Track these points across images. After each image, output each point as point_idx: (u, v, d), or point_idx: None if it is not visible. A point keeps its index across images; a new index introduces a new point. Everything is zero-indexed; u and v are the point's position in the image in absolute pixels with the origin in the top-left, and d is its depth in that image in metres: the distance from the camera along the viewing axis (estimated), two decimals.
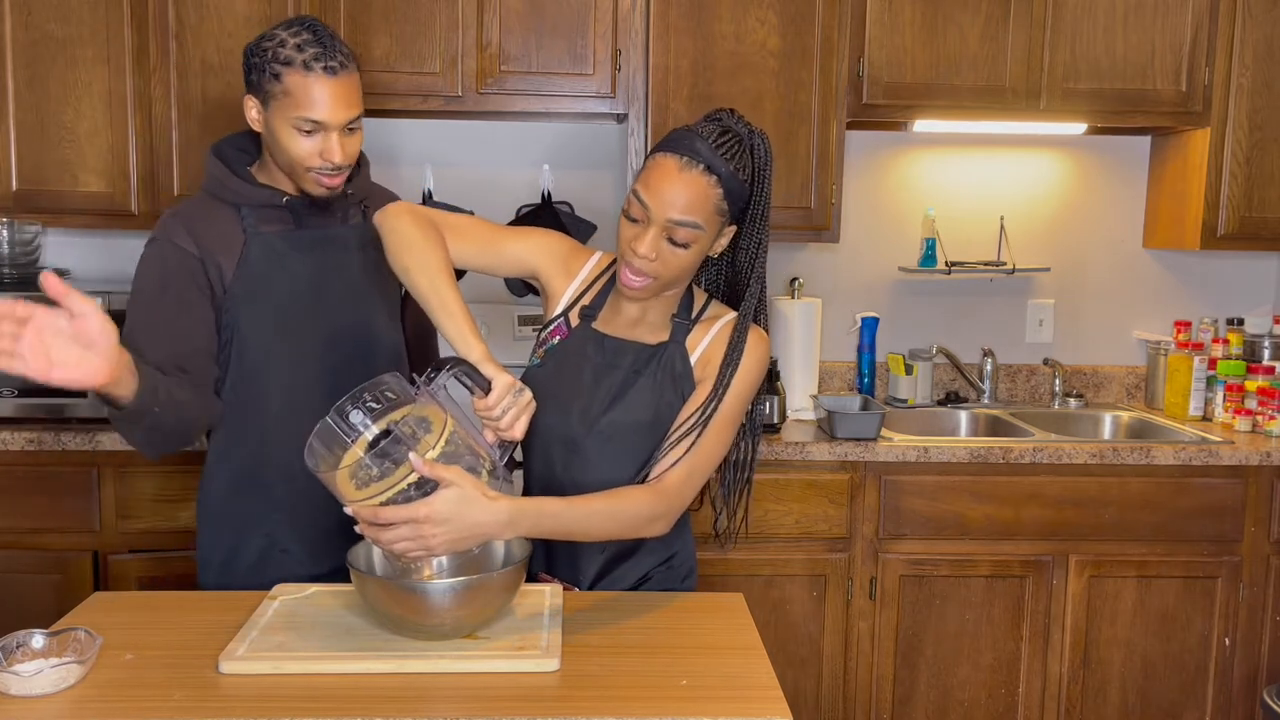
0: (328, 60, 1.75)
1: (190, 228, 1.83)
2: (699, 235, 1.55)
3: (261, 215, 1.87)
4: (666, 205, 1.53)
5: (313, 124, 1.76)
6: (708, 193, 1.54)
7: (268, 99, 1.78)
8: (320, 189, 1.84)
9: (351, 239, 1.94)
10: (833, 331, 3.34)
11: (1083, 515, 2.76)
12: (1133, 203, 3.39)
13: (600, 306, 1.71)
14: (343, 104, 1.77)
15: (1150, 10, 2.96)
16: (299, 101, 1.75)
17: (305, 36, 1.76)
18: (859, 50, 2.92)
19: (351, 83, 1.79)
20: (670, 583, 1.74)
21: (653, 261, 1.56)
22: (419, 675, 1.37)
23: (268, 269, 1.85)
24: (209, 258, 1.82)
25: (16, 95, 2.76)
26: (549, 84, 2.87)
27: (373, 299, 1.96)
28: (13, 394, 2.67)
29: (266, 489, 1.88)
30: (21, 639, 1.38)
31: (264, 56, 1.76)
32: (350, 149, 1.82)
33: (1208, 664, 2.83)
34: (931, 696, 2.81)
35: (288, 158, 1.80)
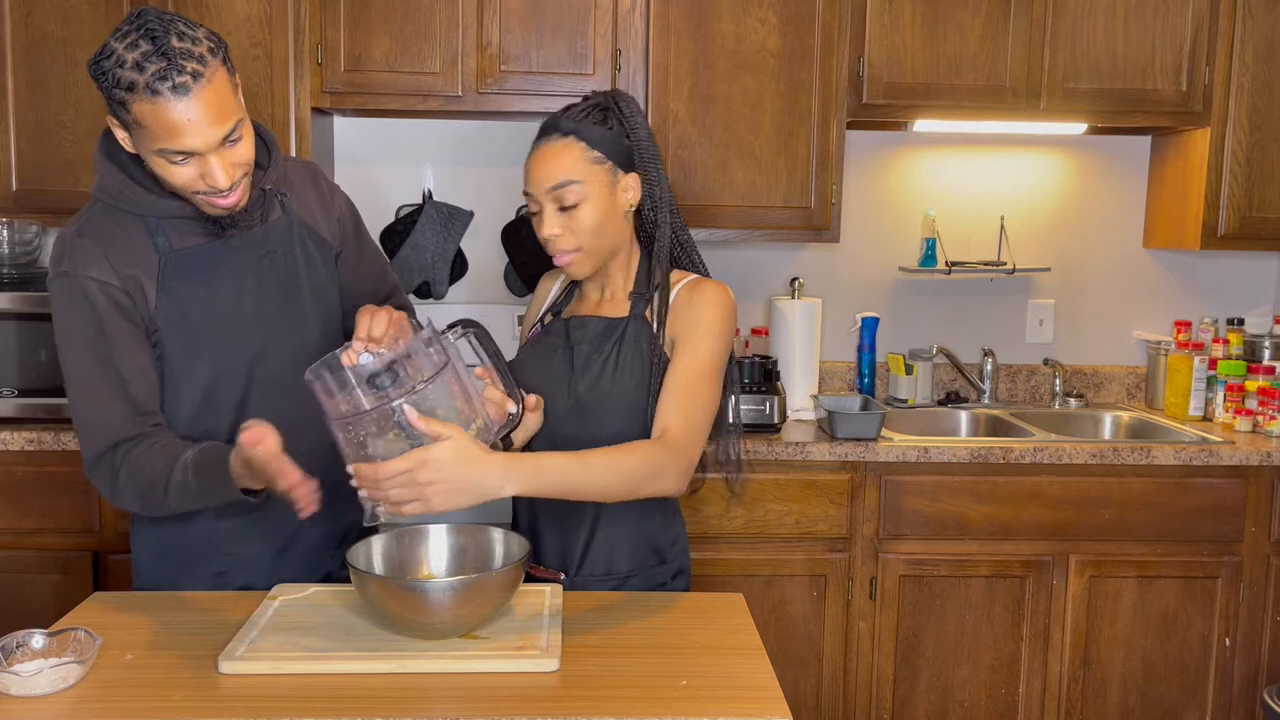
0: (176, 75, 1.43)
1: (105, 253, 1.59)
2: (584, 190, 1.63)
3: (174, 228, 1.62)
4: (540, 181, 1.63)
5: (181, 154, 1.49)
6: (570, 149, 1.63)
7: (125, 125, 1.50)
8: (218, 210, 1.58)
9: (275, 239, 1.71)
10: (833, 331, 3.34)
11: (1083, 515, 2.76)
12: (1133, 203, 3.39)
13: (569, 300, 1.80)
14: (209, 123, 1.46)
15: (1150, 10, 2.96)
16: (156, 133, 1.46)
17: (143, 48, 1.43)
18: (859, 50, 2.92)
19: (215, 90, 1.46)
20: (661, 578, 1.75)
21: (561, 235, 1.64)
22: (419, 675, 1.37)
23: (189, 293, 1.63)
24: (131, 284, 1.60)
25: (16, 95, 2.76)
26: (549, 84, 2.87)
27: (305, 299, 1.75)
28: (13, 394, 2.67)
29: (215, 530, 1.72)
30: (21, 639, 1.38)
31: (104, 80, 1.45)
32: (238, 160, 1.54)
33: (1208, 664, 2.83)
34: (931, 697, 2.81)
35: (172, 186, 1.55)
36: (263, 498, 1.56)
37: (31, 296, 2.67)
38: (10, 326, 2.66)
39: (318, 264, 1.79)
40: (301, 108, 2.79)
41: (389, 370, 1.41)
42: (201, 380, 1.68)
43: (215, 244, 1.66)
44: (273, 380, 1.70)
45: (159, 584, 1.77)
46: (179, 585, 1.75)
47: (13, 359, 2.66)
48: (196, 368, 1.67)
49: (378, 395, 1.39)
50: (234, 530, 1.74)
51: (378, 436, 1.39)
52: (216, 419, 1.69)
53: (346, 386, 1.41)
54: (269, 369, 1.72)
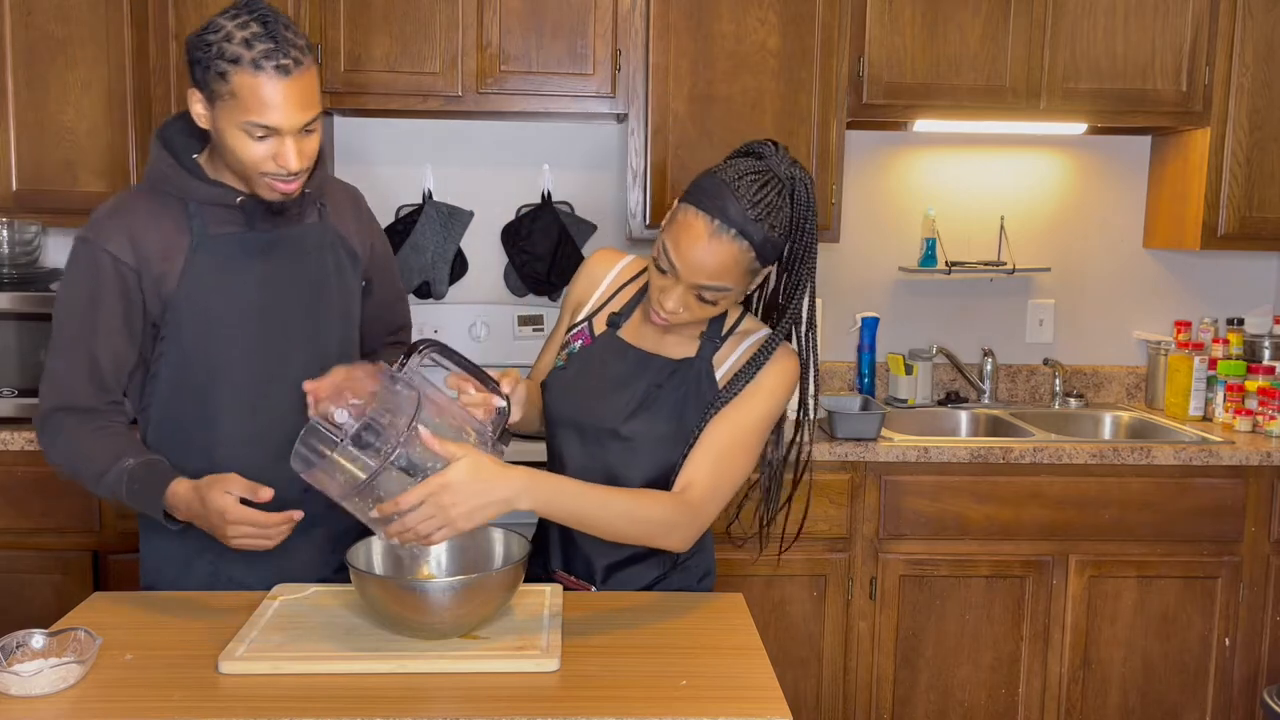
0: (280, 58, 1.54)
1: (130, 232, 1.66)
2: (729, 295, 1.53)
3: (211, 215, 1.69)
4: (694, 270, 1.49)
5: (265, 129, 1.57)
6: (739, 258, 1.49)
7: (214, 96, 1.58)
8: (274, 195, 1.65)
9: (308, 241, 1.77)
10: (833, 331, 3.34)
11: (1083, 515, 2.76)
12: (1133, 203, 3.39)
13: (628, 315, 1.69)
14: (298, 106, 1.57)
15: (1150, 10, 2.96)
16: (249, 105, 1.55)
17: (254, 29, 1.54)
18: (859, 50, 2.92)
19: (308, 80, 1.58)
20: (685, 584, 1.73)
21: (681, 315, 1.55)
22: (419, 675, 1.36)
23: (217, 277, 1.69)
24: (146, 268, 1.66)
25: (16, 95, 2.76)
26: (549, 84, 2.87)
27: (330, 305, 1.80)
28: (13, 394, 2.67)
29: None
30: (21, 639, 1.38)
31: (208, 50, 1.55)
32: (308, 151, 1.64)
33: (1208, 664, 2.83)
34: (931, 697, 2.81)
35: (238, 161, 1.62)
36: (181, 525, 1.62)
37: (31, 296, 2.67)
38: (10, 326, 2.66)
39: (347, 275, 1.83)
40: None
41: (367, 428, 1.38)
42: (211, 365, 1.70)
43: (249, 235, 1.71)
44: (284, 378, 1.70)
45: (160, 581, 1.77)
46: (180, 583, 1.76)
47: (13, 359, 2.66)
48: (210, 351, 1.70)
49: (371, 453, 1.36)
50: None
51: (387, 487, 1.37)
52: (220, 405, 1.71)
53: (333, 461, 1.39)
54: (282, 366, 1.73)
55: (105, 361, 1.67)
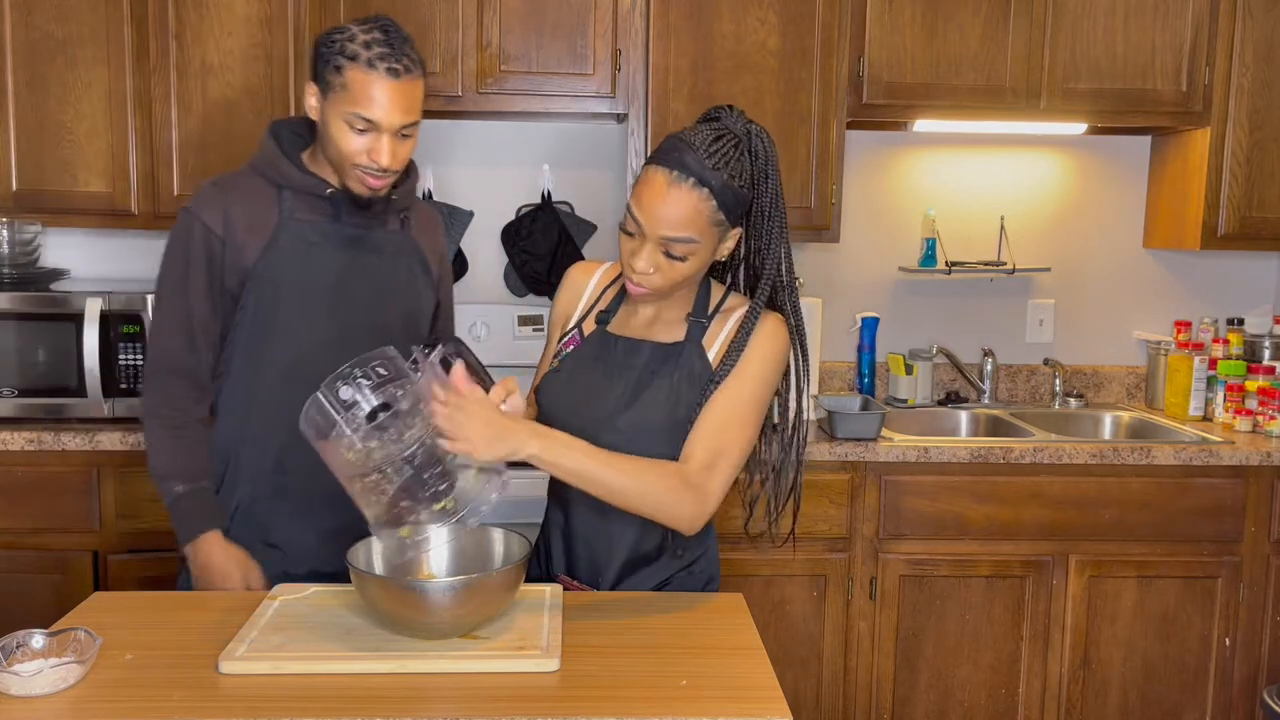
0: (392, 61, 1.72)
1: (224, 204, 1.83)
2: (696, 248, 1.55)
3: (301, 202, 1.86)
4: (658, 222, 1.52)
5: (366, 122, 1.74)
6: (700, 206, 1.52)
7: (327, 89, 1.76)
8: (363, 188, 1.82)
9: (387, 245, 1.92)
10: (833, 331, 3.34)
11: (1083, 515, 2.76)
12: (1133, 203, 3.39)
13: (614, 311, 1.71)
14: (400, 108, 1.75)
15: (1150, 10, 2.96)
16: (356, 97, 1.73)
17: (376, 35, 1.73)
18: (859, 50, 2.92)
19: (414, 89, 1.76)
20: (691, 588, 1.72)
21: (652, 274, 1.56)
22: (419, 675, 1.36)
23: (294, 257, 1.84)
24: (232, 239, 1.82)
25: (16, 95, 2.76)
26: (549, 84, 2.87)
27: (395, 308, 1.93)
28: (13, 394, 2.67)
29: (243, 471, 1.89)
30: (21, 639, 1.38)
31: (331, 47, 1.74)
32: (400, 154, 1.80)
33: (1208, 664, 2.83)
34: (931, 697, 2.81)
35: (336, 151, 1.78)
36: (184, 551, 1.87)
37: (31, 296, 2.67)
38: (10, 326, 2.66)
39: (419, 285, 1.95)
40: (301, 108, 2.79)
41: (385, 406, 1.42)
42: (280, 344, 1.84)
43: (332, 226, 1.86)
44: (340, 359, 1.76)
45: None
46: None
47: (13, 359, 2.66)
48: (279, 330, 1.85)
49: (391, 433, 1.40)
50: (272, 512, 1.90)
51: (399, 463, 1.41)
52: (272, 373, 1.85)
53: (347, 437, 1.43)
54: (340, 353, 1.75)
55: (196, 323, 1.84)
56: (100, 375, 2.65)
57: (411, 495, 1.44)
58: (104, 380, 2.66)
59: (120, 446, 2.59)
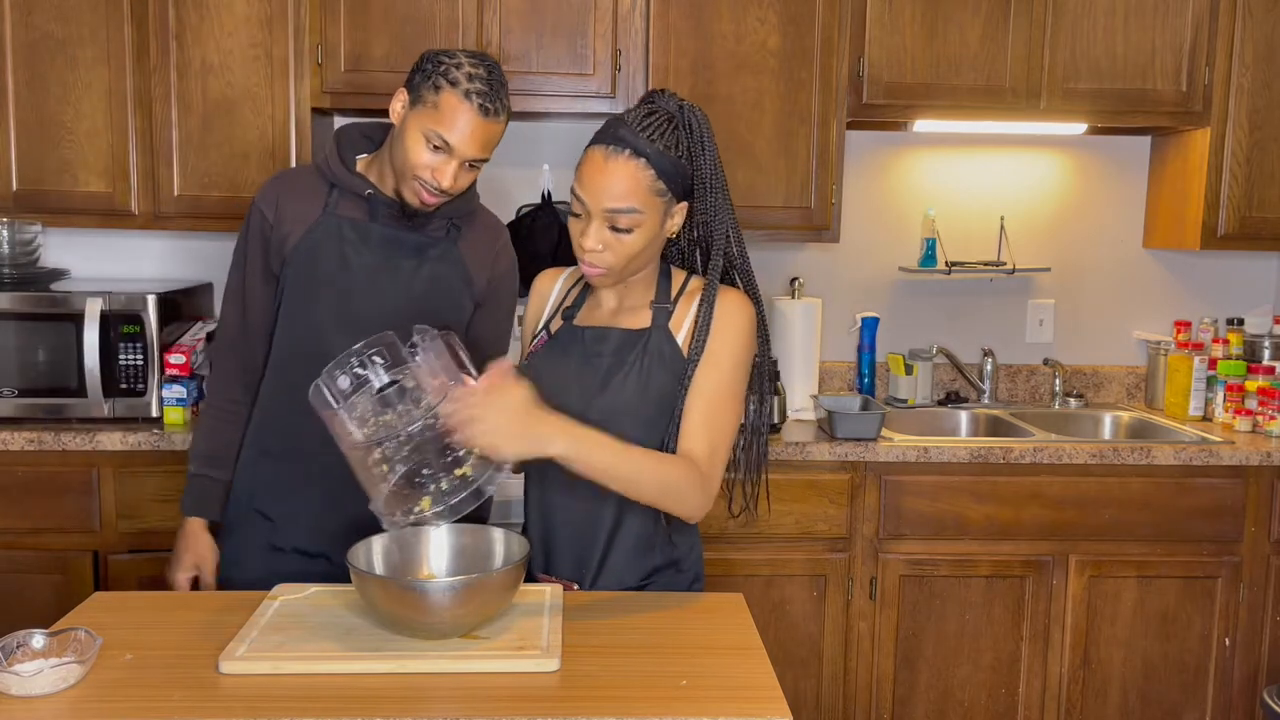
0: (487, 101, 1.82)
1: (279, 192, 1.98)
2: (640, 219, 1.58)
3: (346, 200, 1.96)
4: (600, 195, 1.57)
5: (442, 142, 1.82)
6: (638, 176, 1.57)
7: (418, 100, 1.85)
8: (416, 200, 1.89)
9: (429, 250, 1.97)
10: (833, 331, 3.34)
11: (1083, 515, 2.76)
12: (1133, 203, 3.39)
13: (580, 306, 1.75)
14: (477, 142, 1.84)
15: (1150, 10, 2.96)
16: (442, 119, 1.81)
17: (480, 72, 1.82)
18: (859, 50, 2.92)
19: (495, 131, 1.86)
20: (678, 586, 1.73)
21: (602, 252, 1.60)
22: (419, 675, 1.36)
23: (328, 249, 1.93)
24: (280, 225, 1.95)
25: (16, 95, 2.76)
26: (549, 84, 2.87)
27: (423, 312, 1.92)
28: (13, 394, 2.67)
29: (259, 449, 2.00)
30: (21, 639, 1.38)
31: (437, 67, 1.83)
32: (461, 182, 1.88)
33: (1208, 664, 2.83)
34: (931, 696, 2.81)
35: (404, 159, 1.86)
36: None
37: (31, 296, 2.67)
38: (10, 326, 2.66)
39: (456, 293, 2.01)
40: (301, 108, 2.79)
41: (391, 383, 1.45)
42: (313, 332, 1.92)
43: (371, 225, 1.95)
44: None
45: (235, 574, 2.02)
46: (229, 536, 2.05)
47: (13, 359, 2.66)
48: (311, 317, 1.93)
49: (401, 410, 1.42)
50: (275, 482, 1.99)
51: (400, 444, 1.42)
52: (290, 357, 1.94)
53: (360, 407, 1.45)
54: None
55: (250, 300, 1.99)
56: (100, 375, 2.66)
57: (429, 464, 1.44)
58: (104, 380, 2.66)
59: (120, 446, 2.59)
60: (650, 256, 1.66)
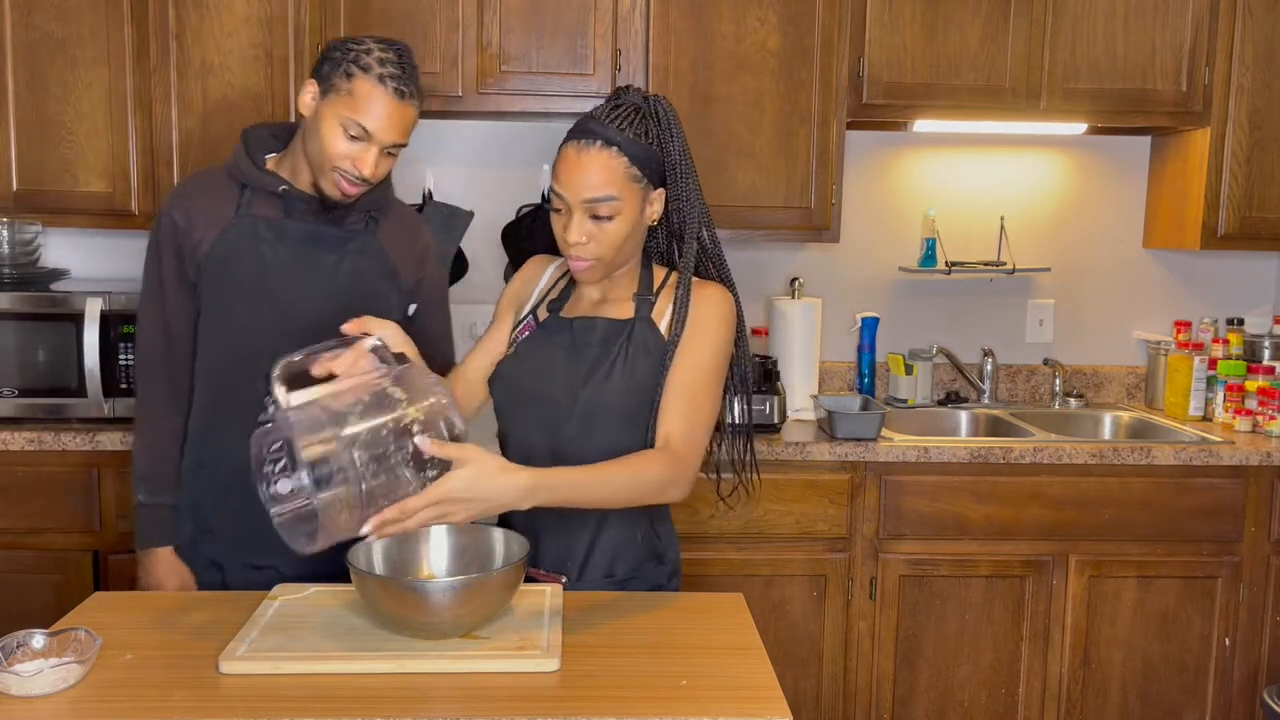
0: (401, 84, 1.81)
1: (187, 197, 1.94)
2: (619, 206, 1.61)
3: (259, 199, 1.92)
4: (578, 188, 1.60)
5: (360, 130, 1.81)
6: (612, 164, 1.60)
7: (329, 90, 1.82)
8: (336, 191, 1.87)
9: (348, 244, 1.95)
10: (833, 331, 3.34)
11: (1083, 515, 2.76)
12: (1133, 203, 3.39)
13: (565, 299, 1.77)
14: (395, 127, 1.83)
15: (1150, 10, 2.96)
16: (357, 105, 1.80)
17: (391, 56, 1.82)
18: (859, 50, 2.92)
19: (411, 114, 1.85)
20: (659, 579, 1.75)
21: (586, 244, 1.62)
22: (419, 675, 1.36)
23: (244, 250, 1.90)
24: (192, 231, 1.91)
25: (16, 95, 2.76)
26: (549, 84, 2.87)
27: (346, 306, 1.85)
28: (13, 394, 2.67)
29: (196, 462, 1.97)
30: (21, 639, 1.38)
31: (346, 54, 1.81)
32: (381, 169, 1.86)
33: (1208, 664, 2.83)
34: (931, 696, 2.81)
35: (320, 151, 1.83)
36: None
37: (31, 296, 2.67)
38: (10, 326, 2.66)
39: (381, 286, 1.96)
40: None
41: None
42: (238, 336, 1.89)
43: (286, 222, 1.91)
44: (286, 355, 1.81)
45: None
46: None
47: (13, 359, 2.66)
48: (236, 321, 1.90)
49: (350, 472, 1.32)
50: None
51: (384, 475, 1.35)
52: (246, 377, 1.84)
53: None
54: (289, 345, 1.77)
55: (170, 313, 1.94)
56: (100, 375, 2.65)
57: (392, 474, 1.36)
58: (104, 380, 2.66)
59: (120, 446, 2.59)
60: (634, 247, 1.69)
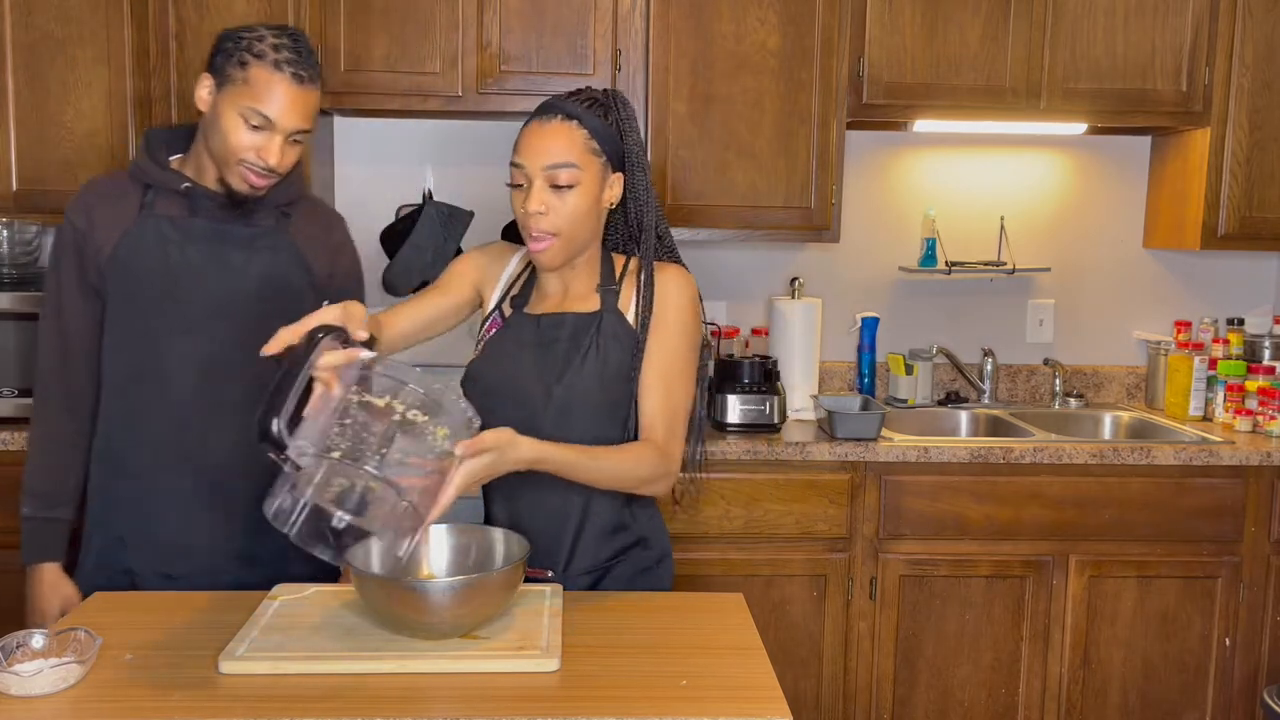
0: (298, 68, 1.76)
1: (89, 201, 1.88)
2: (578, 175, 1.62)
3: (163, 199, 1.87)
4: (538, 156, 1.62)
5: (262, 119, 1.76)
6: (572, 134, 1.62)
7: (225, 82, 1.77)
8: (244, 185, 1.81)
9: (258, 240, 1.89)
10: (833, 331, 3.34)
11: (1083, 515, 2.76)
12: (1133, 203, 3.39)
13: (529, 295, 1.76)
14: (297, 113, 1.78)
15: (1150, 10, 2.96)
16: (256, 94, 1.75)
17: (285, 41, 1.77)
18: (859, 50, 2.92)
19: (311, 98, 1.80)
20: (646, 563, 1.75)
21: (545, 215, 1.62)
22: (419, 675, 1.36)
23: (148, 250, 1.84)
24: (93, 232, 1.85)
25: (16, 95, 2.76)
26: (549, 84, 2.86)
27: (256, 305, 1.87)
28: (13, 394, 2.67)
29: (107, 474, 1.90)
30: (21, 639, 1.38)
31: (239, 44, 1.77)
32: (288, 157, 1.82)
33: (1208, 664, 2.83)
34: (931, 696, 2.81)
35: (224, 145, 1.78)
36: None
37: (31, 296, 2.67)
38: (10, 326, 2.66)
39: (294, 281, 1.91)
40: None
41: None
42: (151, 339, 1.85)
43: (192, 221, 1.86)
44: (229, 360, 1.84)
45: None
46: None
47: (12, 359, 2.66)
48: (149, 324, 1.85)
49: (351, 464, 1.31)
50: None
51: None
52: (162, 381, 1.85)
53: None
54: (227, 349, 1.84)
55: (69, 321, 1.89)
56: None
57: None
58: None
59: None
60: (592, 232, 1.69)
